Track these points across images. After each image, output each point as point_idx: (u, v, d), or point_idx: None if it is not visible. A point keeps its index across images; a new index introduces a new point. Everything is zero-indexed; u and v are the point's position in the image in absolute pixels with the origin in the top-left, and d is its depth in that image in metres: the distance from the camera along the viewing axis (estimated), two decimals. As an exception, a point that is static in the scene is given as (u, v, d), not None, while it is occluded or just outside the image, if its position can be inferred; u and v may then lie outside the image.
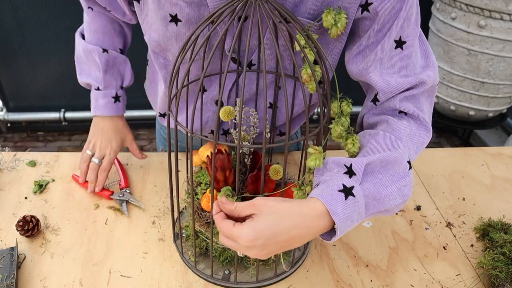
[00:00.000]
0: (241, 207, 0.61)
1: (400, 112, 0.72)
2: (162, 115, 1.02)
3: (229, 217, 0.62)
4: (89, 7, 0.95)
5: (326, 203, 0.58)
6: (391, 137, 0.66)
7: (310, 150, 0.64)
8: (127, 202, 0.96)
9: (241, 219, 0.61)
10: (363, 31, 0.71)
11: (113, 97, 1.00)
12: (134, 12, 0.89)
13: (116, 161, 1.06)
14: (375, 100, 0.74)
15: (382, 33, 0.68)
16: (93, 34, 0.97)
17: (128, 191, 0.99)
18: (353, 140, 0.67)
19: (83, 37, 1.00)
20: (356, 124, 0.81)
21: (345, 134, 0.67)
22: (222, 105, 0.86)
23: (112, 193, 0.97)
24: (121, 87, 1.02)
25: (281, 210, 0.58)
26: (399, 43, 0.69)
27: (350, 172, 0.62)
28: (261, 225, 0.58)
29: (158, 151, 1.23)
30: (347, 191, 0.59)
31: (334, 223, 0.59)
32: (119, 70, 1.01)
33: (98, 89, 0.99)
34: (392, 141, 0.66)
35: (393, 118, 0.71)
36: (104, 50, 0.96)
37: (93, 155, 0.99)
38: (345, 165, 0.63)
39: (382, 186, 0.62)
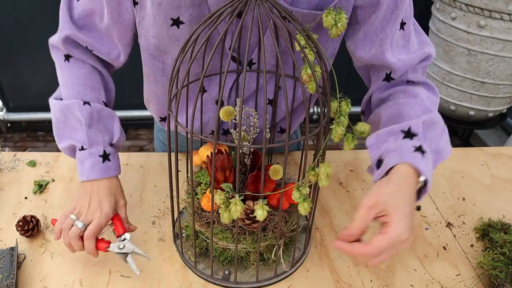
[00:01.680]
0: (364, 217, 0.62)
1: (408, 81, 0.80)
2: (163, 119, 1.01)
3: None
4: (66, 58, 0.84)
5: (415, 164, 0.63)
6: (419, 101, 0.74)
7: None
8: (130, 255, 0.76)
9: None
10: (363, 18, 0.74)
11: (100, 156, 0.81)
12: (127, 45, 0.84)
13: None
14: (388, 78, 0.79)
15: (387, 17, 0.72)
16: (72, 88, 0.83)
17: (128, 238, 0.78)
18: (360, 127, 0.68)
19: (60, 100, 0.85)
20: (362, 102, 0.87)
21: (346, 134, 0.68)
22: (222, 104, 0.86)
23: (109, 244, 0.77)
24: (111, 144, 0.84)
25: (395, 191, 0.63)
26: (401, 25, 0.75)
27: (409, 134, 0.68)
28: (403, 212, 0.61)
29: None
30: (420, 150, 0.65)
31: (417, 182, 0.65)
32: (105, 125, 0.84)
33: (82, 148, 0.81)
34: (423, 105, 0.73)
35: (408, 86, 0.78)
36: (86, 103, 0.81)
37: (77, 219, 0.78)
38: (401, 130, 0.68)
39: (437, 141, 0.70)
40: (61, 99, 0.83)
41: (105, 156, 0.81)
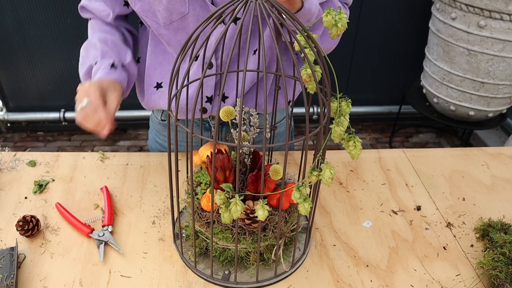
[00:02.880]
0: None
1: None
2: (159, 85, 1.01)
3: None
4: (90, 19, 1.00)
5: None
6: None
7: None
8: (105, 244, 0.86)
9: None
10: None
11: (109, 64, 0.92)
12: None
13: (104, 191, 0.98)
14: None
15: None
16: (92, 35, 0.98)
17: (110, 230, 0.89)
18: (354, 142, 0.67)
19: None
20: None
21: (346, 136, 0.68)
22: (222, 103, 0.86)
23: (92, 230, 0.88)
24: (122, 65, 0.95)
25: None
26: None
27: None
28: None
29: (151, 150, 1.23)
30: None
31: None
32: (119, 52, 0.96)
33: (95, 64, 0.93)
34: None
35: None
36: (105, 38, 0.96)
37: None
38: None
39: None
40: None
41: (113, 66, 0.92)
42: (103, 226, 0.90)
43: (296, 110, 2.72)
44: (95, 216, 0.93)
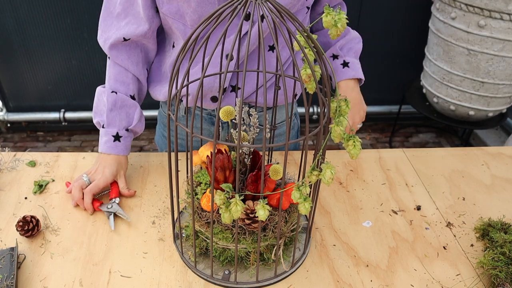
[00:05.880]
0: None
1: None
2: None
3: None
4: (108, 57, 1.00)
5: (350, 76, 1.08)
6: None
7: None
8: (114, 215, 0.92)
9: None
10: None
11: (113, 136, 0.98)
12: (154, 18, 0.95)
13: None
14: None
15: None
16: (108, 81, 1.01)
17: (117, 202, 0.95)
18: (354, 142, 0.67)
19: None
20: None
21: (346, 135, 0.67)
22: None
23: (101, 203, 0.95)
24: (126, 129, 1.01)
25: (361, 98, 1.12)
26: None
27: (335, 56, 1.10)
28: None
29: (160, 151, 1.23)
30: (346, 64, 1.08)
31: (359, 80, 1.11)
32: (127, 112, 1.00)
33: (103, 127, 1.00)
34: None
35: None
36: (114, 92, 0.99)
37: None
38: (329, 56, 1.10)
39: (353, 47, 1.11)
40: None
41: (117, 137, 0.99)
42: (110, 199, 0.96)
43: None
44: (102, 193, 1.00)
